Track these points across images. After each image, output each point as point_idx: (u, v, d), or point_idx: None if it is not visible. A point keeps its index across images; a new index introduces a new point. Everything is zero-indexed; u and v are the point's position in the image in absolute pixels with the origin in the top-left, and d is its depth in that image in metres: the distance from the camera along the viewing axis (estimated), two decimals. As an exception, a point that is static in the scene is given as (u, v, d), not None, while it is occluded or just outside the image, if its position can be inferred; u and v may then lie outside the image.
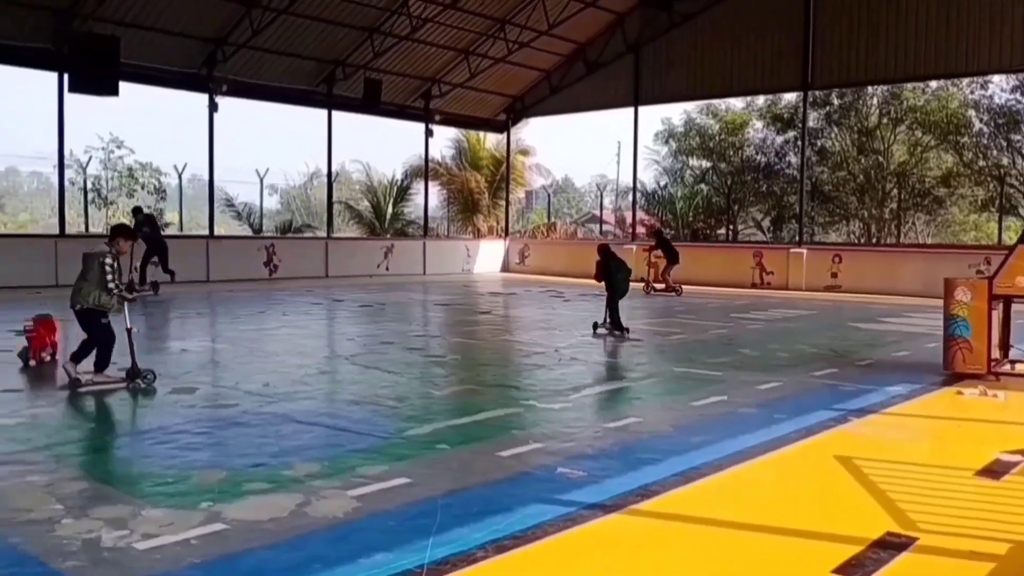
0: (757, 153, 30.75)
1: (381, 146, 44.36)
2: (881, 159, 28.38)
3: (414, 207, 29.86)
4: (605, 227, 34.47)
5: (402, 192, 29.50)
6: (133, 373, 7.10)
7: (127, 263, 12.42)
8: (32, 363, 8.09)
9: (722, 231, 31.61)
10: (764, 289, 20.46)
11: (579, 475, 4.89)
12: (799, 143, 25.20)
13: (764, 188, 30.42)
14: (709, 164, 31.69)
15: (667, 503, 4.48)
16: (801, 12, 20.20)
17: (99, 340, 7.10)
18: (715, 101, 28.99)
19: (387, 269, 23.17)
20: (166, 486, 4.60)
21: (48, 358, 8.28)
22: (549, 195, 34.44)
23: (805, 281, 20.17)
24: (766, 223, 31.64)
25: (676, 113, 32.13)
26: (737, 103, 30.18)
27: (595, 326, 11.34)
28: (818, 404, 7.03)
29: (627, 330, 11.09)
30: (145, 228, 15.69)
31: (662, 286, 18.36)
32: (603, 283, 11.36)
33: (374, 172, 30.64)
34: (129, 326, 7.17)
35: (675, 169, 32.80)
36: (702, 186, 31.89)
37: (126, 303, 7.17)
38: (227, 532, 3.94)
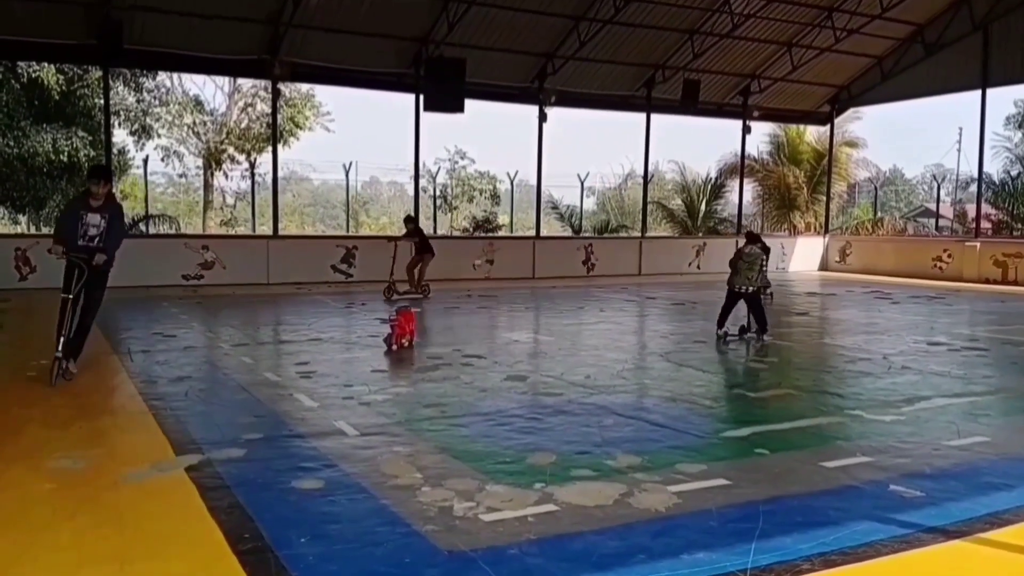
0: None
1: (695, 144, 44.09)
2: None
3: (727, 204, 29.19)
4: (941, 222, 30.85)
5: (716, 190, 28.96)
6: (761, 330, 10.24)
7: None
8: (394, 348, 9.19)
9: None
10: None
11: (915, 495, 4.58)
12: None
13: None
14: (1079, 150, 27.21)
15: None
16: None
17: (756, 310, 10.25)
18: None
19: (698, 268, 22.98)
20: (505, 465, 5.08)
21: (407, 344, 9.35)
22: (876, 188, 31.65)
23: None
24: None
25: (1033, 94, 28.10)
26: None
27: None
28: None
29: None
30: None
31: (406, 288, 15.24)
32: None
33: (688, 171, 30.47)
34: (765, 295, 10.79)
35: (1030, 157, 28.66)
36: (1067, 175, 27.42)
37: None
38: (559, 514, 4.27)
